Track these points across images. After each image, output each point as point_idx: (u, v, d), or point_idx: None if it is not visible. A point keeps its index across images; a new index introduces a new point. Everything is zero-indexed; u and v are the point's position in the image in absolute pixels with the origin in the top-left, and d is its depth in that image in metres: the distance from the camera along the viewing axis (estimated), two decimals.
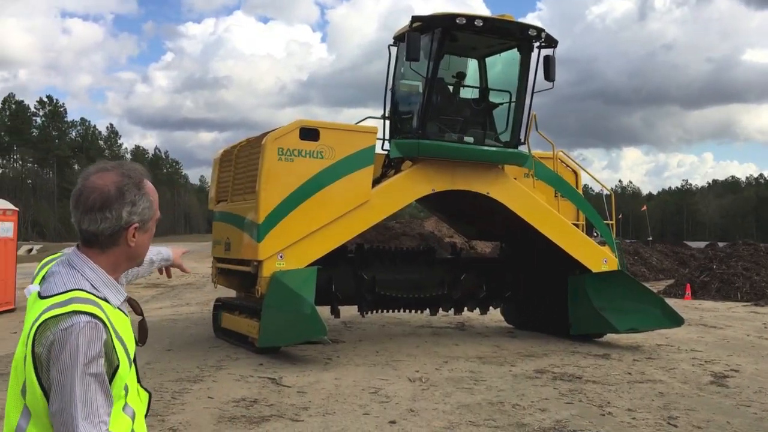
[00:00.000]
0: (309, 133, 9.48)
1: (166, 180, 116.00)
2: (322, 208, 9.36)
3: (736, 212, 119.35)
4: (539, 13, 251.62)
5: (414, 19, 10.13)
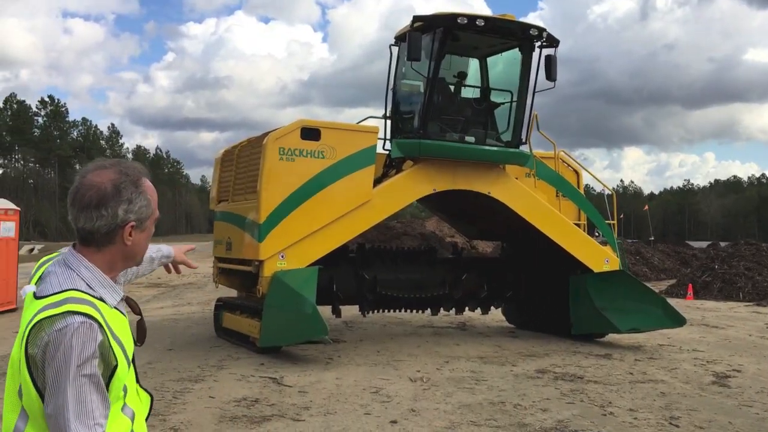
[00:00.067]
0: (310, 133, 9.48)
1: (167, 180, 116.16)
2: (324, 208, 9.36)
3: (738, 212, 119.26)
4: (541, 13, 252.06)
5: (415, 18, 10.12)
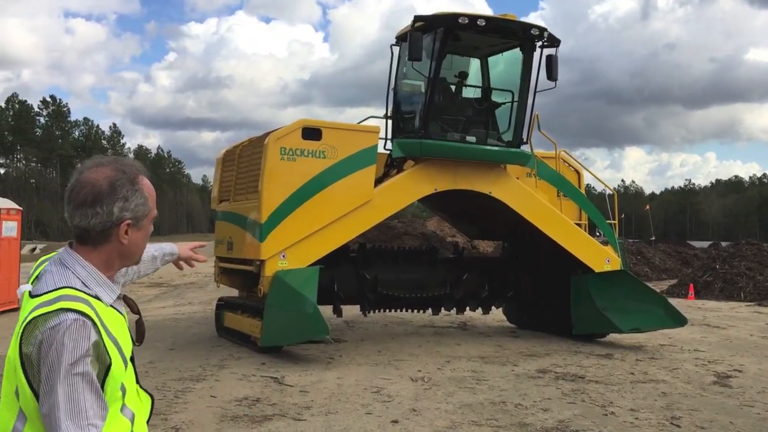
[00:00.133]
0: (311, 133, 9.49)
1: (168, 179, 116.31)
2: (325, 208, 9.37)
3: (740, 212, 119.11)
4: (542, 13, 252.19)
5: (416, 18, 10.12)
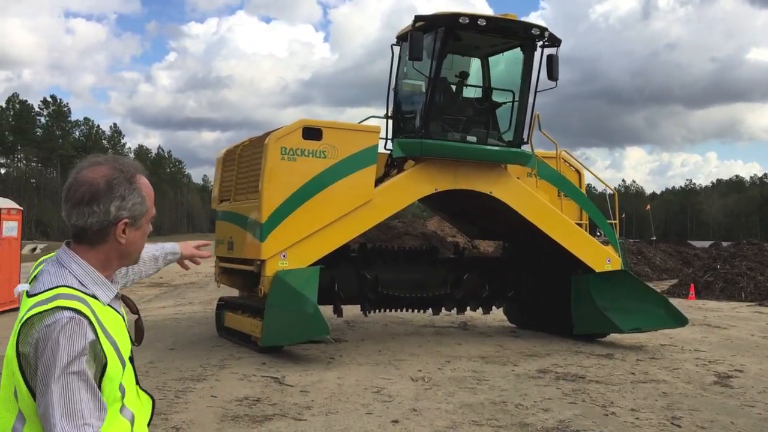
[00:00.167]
0: (312, 133, 9.49)
1: (169, 179, 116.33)
2: (325, 208, 9.36)
3: (740, 212, 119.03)
4: (542, 12, 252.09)
5: (417, 18, 10.11)
